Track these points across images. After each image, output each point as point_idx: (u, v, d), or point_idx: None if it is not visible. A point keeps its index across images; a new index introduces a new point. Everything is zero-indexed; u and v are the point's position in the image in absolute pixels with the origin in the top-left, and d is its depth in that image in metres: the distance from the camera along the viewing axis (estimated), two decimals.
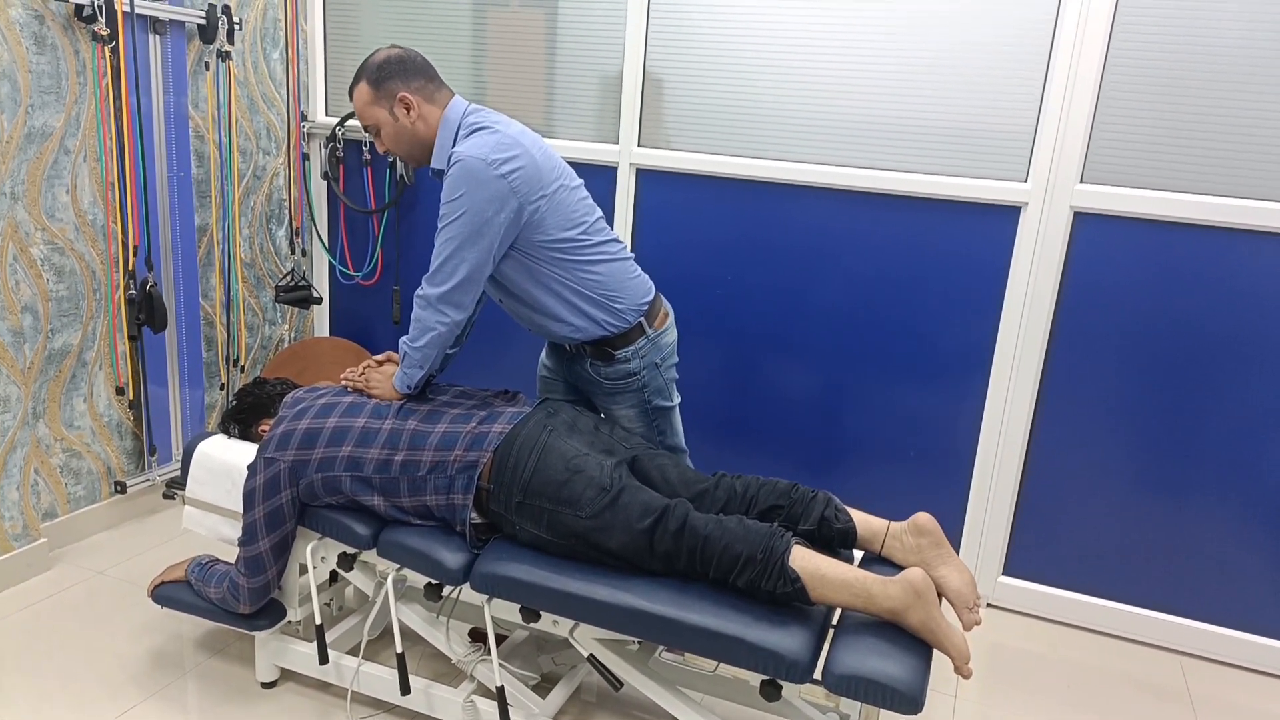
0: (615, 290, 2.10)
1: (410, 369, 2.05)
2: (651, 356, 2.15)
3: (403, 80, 2.01)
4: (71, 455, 2.72)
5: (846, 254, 2.77)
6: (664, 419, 2.23)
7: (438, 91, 2.05)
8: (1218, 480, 2.53)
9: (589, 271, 2.07)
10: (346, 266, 3.42)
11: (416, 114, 2.02)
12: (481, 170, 1.91)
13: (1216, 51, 2.33)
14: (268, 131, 3.24)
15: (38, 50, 2.43)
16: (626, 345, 2.12)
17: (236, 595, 2.00)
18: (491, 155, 1.92)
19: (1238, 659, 2.58)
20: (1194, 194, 2.41)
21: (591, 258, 2.07)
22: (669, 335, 2.21)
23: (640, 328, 2.12)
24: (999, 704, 2.34)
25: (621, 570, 1.80)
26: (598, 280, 2.07)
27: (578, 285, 2.06)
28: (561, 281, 2.05)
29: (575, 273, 2.06)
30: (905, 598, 1.62)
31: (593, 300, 2.07)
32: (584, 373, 2.18)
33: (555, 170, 2.04)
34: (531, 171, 1.97)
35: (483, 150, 1.93)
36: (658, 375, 2.17)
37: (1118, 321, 2.54)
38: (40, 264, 2.52)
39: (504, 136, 1.97)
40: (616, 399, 2.17)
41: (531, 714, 1.96)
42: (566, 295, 2.06)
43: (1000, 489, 2.72)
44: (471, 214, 1.92)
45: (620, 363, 2.12)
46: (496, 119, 2.03)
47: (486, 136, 1.97)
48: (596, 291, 2.07)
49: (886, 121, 2.65)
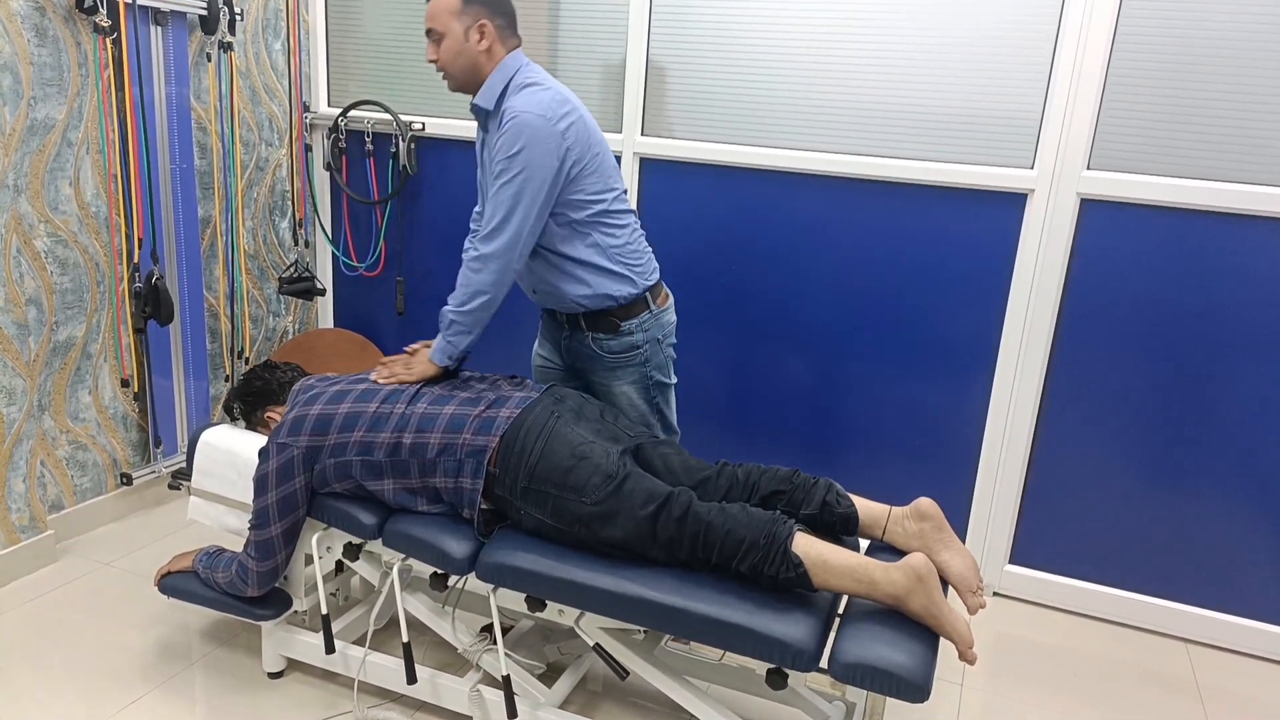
0: (634, 255, 2.15)
1: (455, 337, 2.06)
2: (654, 331, 2.17)
3: (490, 10, 2.05)
4: (77, 447, 2.73)
5: (851, 242, 2.75)
6: (663, 396, 2.25)
7: (511, 36, 2.10)
8: (1224, 467, 2.52)
9: (614, 234, 2.11)
10: (350, 257, 3.41)
11: (486, 45, 2.05)
12: (541, 126, 1.95)
13: (1223, 36, 2.31)
14: (270, 122, 3.23)
15: (39, 42, 2.42)
16: (631, 317, 2.14)
17: (245, 578, 2.01)
18: (549, 111, 1.97)
19: (1245, 647, 2.57)
20: (1202, 180, 2.40)
21: (618, 222, 2.12)
22: (670, 315, 2.24)
23: (645, 301, 2.15)
24: (1005, 693, 2.34)
25: (626, 560, 1.80)
26: (622, 243, 2.12)
27: (604, 245, 2.10)
28: (590, 241, 2.09)
29: (603, 232, 2.10)
30: (908, 583, 1.62)
31: (615, 260, 2.11)
32: (584, 348, 2.18)
33: (598, 132, 2.11)
34: (583, 129, 2.03)
35: (540, 106, 1.97)
36: (659, 351, 2.20)
37: (1124, 309, 2.53)
38: (44, 256, 2.52)
39: (557, 94, 2.03)
40: (618, 374, 2.18)
41: (537, 703, 1.96)
42: (591, 256, 2.09)
43: (1006, 478, 2.71)
44: (531, 169, 1.96)
45: (624, 334, 2.14)
46: (545, 77, 2.08)
47: (540, 93, 2.01)
48: (620, 253, 2.12)
49: (891, 108, 2.63)
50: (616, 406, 2.21)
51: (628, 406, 2.21)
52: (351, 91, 3.28)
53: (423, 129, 3.17)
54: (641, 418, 2.22)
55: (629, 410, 2.21)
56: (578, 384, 2.29)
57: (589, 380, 2.26)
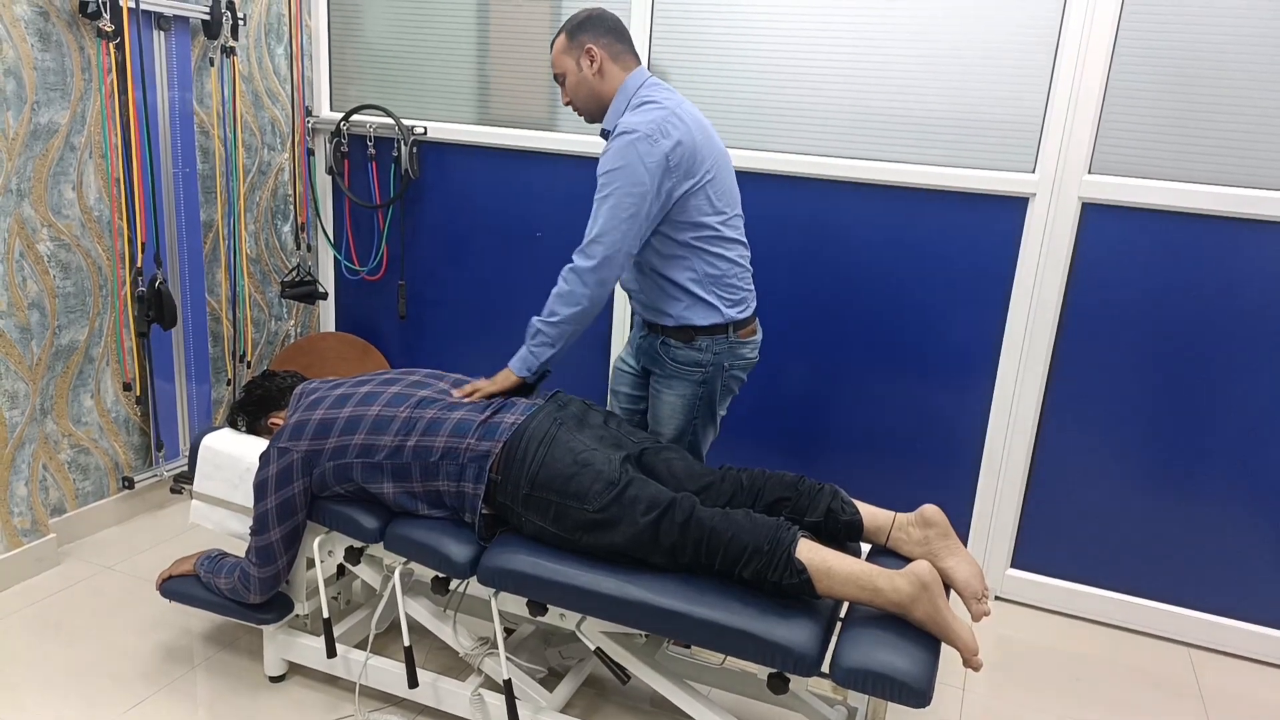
0: (730, 289, 2.14)
1: (539, 348, 2.06)
2: (724, 358, 2.15)
3: (593, 34, 2.08)
4: (79, 451, 2.73)
5: (853, 246, 2.75)
6: (704, 419, 2.22)
7: (625, 54, 2.12)
8: (1227, 472, 2.51)
9: (715, 264, 2.11)
10: (352, 261, 3.42)
11: (597, 67, 2.08)
12: (643, 145, 1.96)
13: (1225, 39, 2.32)
14: (272, 127, 3.24)
15: (42, 47, 2.43)
16: (708, 335, 2.13)
17: (247, 584, 2.01)
18: (655, 129, 1.97)
19: (1247, 651, 2.57)
20: (1204, 184, 2.40)
21: (724, 251, 2.12)
22: (749, 350, 2.22)
23: (726, 328, 2.14)
24: (1007, 697, 2.34)
25: (628, 564, 1.80)
26: (720, 273, 2.12)
27: (701, 272, 2.10)
28: (687, 265, 2.09)
29: (704, 259, 2.10)
30: (912, 590, 1.62)
31: (709, 289, 2.11)
32: (654, 349, 2.19)
33: (713, 157, 2.09)
34: (689, 152, 2.02)
35: (646, 124, 1.98)
36: (721, 376, 2.17)
37: (1126, 313, 2.53)
38: (47, 260, 2.52)
39: (669, 114, 2.02)
40: (672, 383, 2.17)
41: (539, 707, 1.96)
42: (687, 282, 2.10)
43: (1008, 482, 2.71)
44: (626, 185, 1.97)
45: (695, 349, 2.13)
46: (668, 95, 2.09)
47: (653, 111, 2.02)
48: (716, 284, 2.11)
49: (893, 113, 2.64)
50: (657, 414, 2.20)
51: (668, 416, 2.19)
52: (353, 96, 3.29)
53: (425, 133, 3.17)
54: (677, 432, 2.20)
55: (668, 421, 2.19)
56: (644, 382, 2.30)
57: (652, 380, 2.26)
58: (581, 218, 2.04)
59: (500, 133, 3.08)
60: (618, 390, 2.37)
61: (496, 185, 3.14)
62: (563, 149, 3.00)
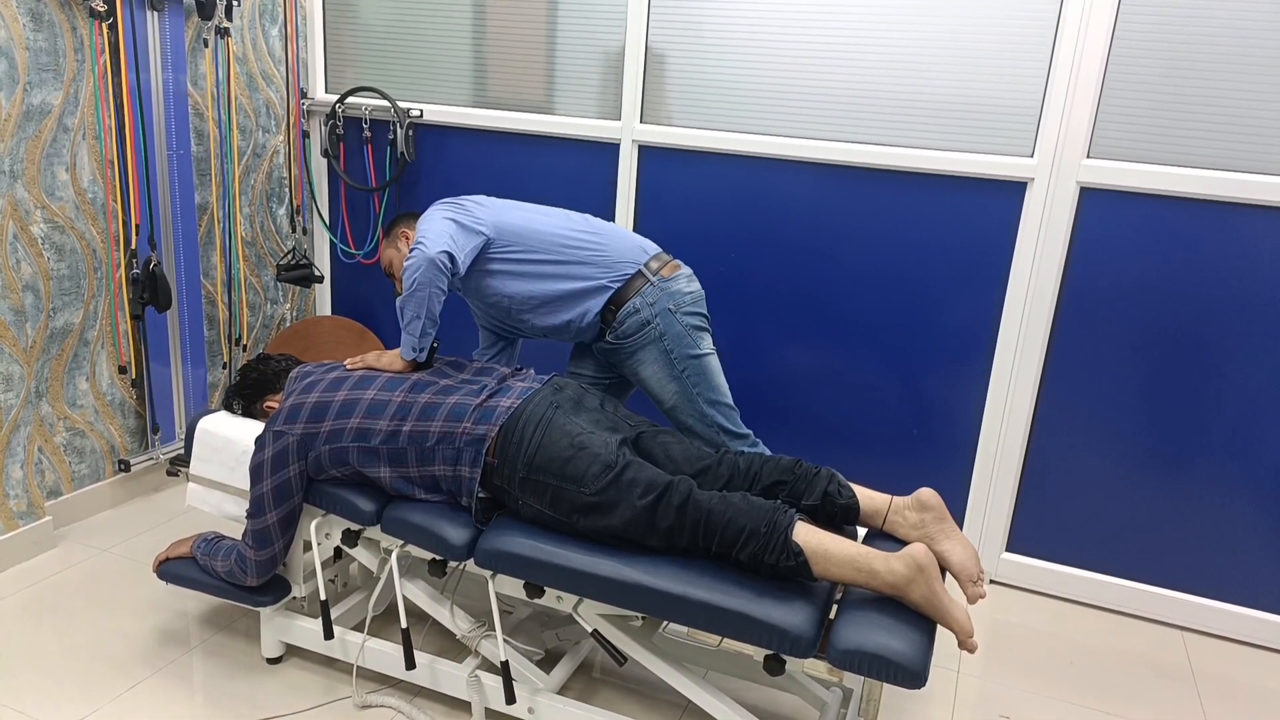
0: (581, 262, 2.16)
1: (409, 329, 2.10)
2: (663, 303, 2.12)
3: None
4: (75, 434, 2.72)
5: (850, 230, 2.75)
6: (696, 371, 2.17)
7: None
8: (1222, 456, 2.52)
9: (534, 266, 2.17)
10: (348, 245, 3.41)
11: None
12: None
13: (1224, 24, 2.31)
14: (267, 109, 3.22)
15: (35, 27, 2.41)
16: (633, 295, 2.10)
17: (244, 568, 2.01)
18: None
19: (1241, 635, 2.58)
20: (1202, 169, 2.39)
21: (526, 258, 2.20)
22: (680, 284, 2.19)
23: (642, 274, 2.12)
24: (1001, 680, 2.35)
25: (624, 547, 1.80)
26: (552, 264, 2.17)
27: (542, 271, 2.15)
28: (531, 280, 2.15)
29: (527, 272, 2.16)
30: (908, 573, 1.62)
31: (566, 273, 2.14)
32: (605, 347, 2.17)
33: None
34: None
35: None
36: (674, 321, 2.13)
37: (1123, 297, 2.53)
38: (41, 243, 2.51)
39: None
40: (638, 357, 2.15)
41: (535, 689, 1.96)
42: (548, 279, 2.13)
43: (1004, 466, 2.72)
44: None
45: (630, 314, 2.11)
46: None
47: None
48: (567, 270, 2.14)
49: (891, 96, 2.63)
50: (651, 392, 2.19)
51: (660, 392, 2.17)
52: (349, 78, 3.27)
53: (421, 115, 3.15)
54: (677, 396, 2.16)
55: (664, 398, 2.17)
56: (614, 378, 2.30)
57: (626, 377, 2.25)
58: (578, 200, 2.04)
59: (497, 115, 3.07)
60: (558, 375, 2.39)
61: (493, 168, 3.13)
62: (559, 132, 2.99)
